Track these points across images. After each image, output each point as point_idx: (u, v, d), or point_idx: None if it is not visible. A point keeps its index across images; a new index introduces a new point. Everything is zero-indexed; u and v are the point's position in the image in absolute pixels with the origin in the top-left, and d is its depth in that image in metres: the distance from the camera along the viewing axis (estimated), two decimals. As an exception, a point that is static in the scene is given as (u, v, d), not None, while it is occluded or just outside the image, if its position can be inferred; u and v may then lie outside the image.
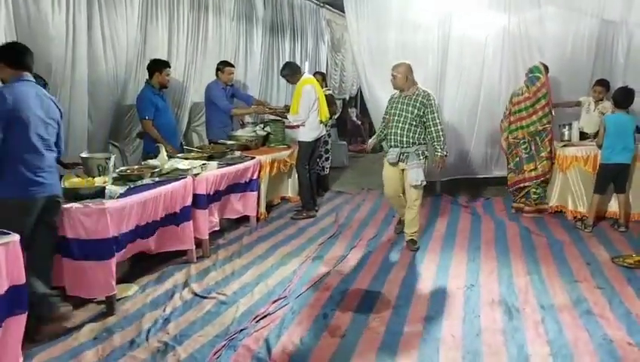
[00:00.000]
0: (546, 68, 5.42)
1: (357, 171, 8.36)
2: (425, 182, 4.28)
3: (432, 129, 4.29)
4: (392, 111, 4.38)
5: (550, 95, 5.33)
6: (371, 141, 4.69)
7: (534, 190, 5.48)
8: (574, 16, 5.97)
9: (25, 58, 2.91)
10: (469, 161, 6.63)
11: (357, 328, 3.08)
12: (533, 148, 5.40)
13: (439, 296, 3.53)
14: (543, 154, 5.37)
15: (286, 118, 5.66)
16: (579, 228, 5.00)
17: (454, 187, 6.62)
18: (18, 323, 2.47)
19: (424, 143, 4.34)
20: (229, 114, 5.83)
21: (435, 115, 4.28)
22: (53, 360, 2.69)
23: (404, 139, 4.29)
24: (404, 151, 4.30)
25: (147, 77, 4.86)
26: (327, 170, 6.87)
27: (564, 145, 5.37)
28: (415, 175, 4.23)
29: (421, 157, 4.30)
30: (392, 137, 4.36)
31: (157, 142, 4.65)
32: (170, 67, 4.89)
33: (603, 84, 5.61)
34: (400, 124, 4.30)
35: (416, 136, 4.29)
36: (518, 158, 5.50)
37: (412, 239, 4.48)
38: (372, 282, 3.77)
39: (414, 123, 4.27)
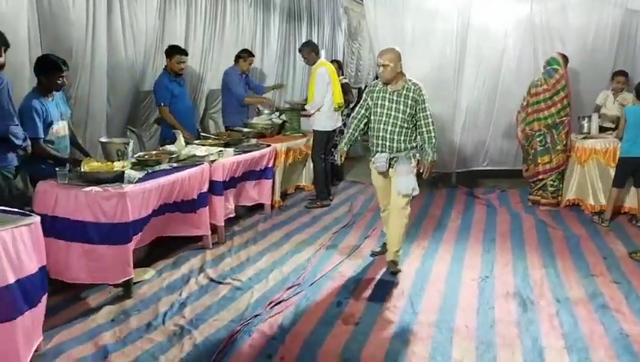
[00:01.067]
0: (566, 59, 5.32)
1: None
2: (417, 191, 3.61)
3: (424, 130, 3.61)
4: (378, 109, 3.63)
5: (569, 87, 5.24)
6: (341, 147, 3.85)
7: (551, 183, 5.42)
8: (597, 5, 5.86)
9: None
10: (485, 152, 6.57)
11: (370, 316, 3.10)
12: (549, 140, 5.33)
13: (453, 287, 3.53)
14: (558, 147, 5.30)
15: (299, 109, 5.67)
16: (596, 222, 4.94)
17: (470, 179, 6.57)
18: (39, 306, 2.52)
19: (415, 146, 3.69)
20: (242, 102, 5.84)
21: (428, 112, 3.60)
22: (71, 341, 2.75)
23: (395, 144, 3.60)
24: (393, 156, 3.64)
25: (165, 63, 4.88)
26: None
27: (584, 138, 5.29)
28: (405, 183, 3.56)
29: (412, 161, 3.64)
30: (379, 141, 3.64)
31: (174, 128, 4.68)
32: (183, 54, 4.85)
33: (624, 74, 5.53)
34: (389, 126, 3.58)
35: (408, 138, 3.62)
36: (533, 150, 5.44)
37: (394, 260, 3.73)
38: (386, 272, 3.78)
39: (405, 124, 3.57)
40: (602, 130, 5.48)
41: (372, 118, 3.68)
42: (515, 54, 6.16)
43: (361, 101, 3.78)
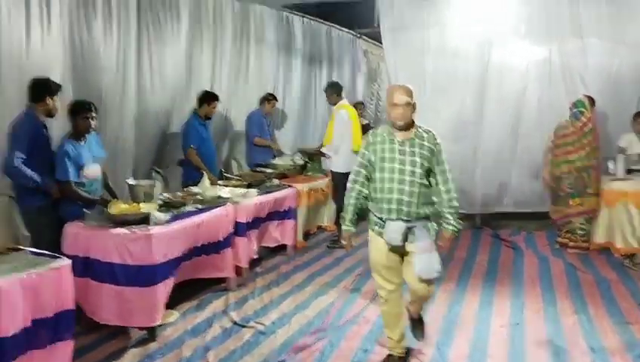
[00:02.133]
0: (592, 101, 5.29)
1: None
2: (440, 272, 2.83)
3: (443, 189, 2.82)
4: (386, 164, 2.77)
5: (596, 130, 5.20)
6: (347, 228, 3.01)
7: (580, 225, 5.29)
8: (617, 46, 5.86)
9: None
10: (509, 193, 6.49)
11: (398, 364, 3.00)
12: (579, 183, 5.23)
13: (482, 334, 3.42)
14: (589, 190, 5.19)
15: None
16: (627, 266, 4.79)
17: (494, 220, 6.48)
18: (65, 349, 2.51)
19: (432, 211, 2.85)
20: (252, 142, 5.94)
21: (447, 167, 2.83)
22: (96, 386, 2.72)
23: (412, 208, 2.74)
24: (411, 226, 2.77)
25: (195, 106, 5.01)
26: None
27: (612, 180, 5.20)
28: (427, 263, 2.75)
29: (432, 233, 2.84)
30: (391, 206, 2.75)
31: (200, 170, 4.75)
32: (218, 100, 5.05)
33: None
34: (403, 186, 2.72)
35: (425, 200, 2.80)
36: (563, 193, 5.34)
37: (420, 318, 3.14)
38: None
39: (421, 181, 2.76)
40: (629, 172, 5.39)
41: (376, 176, 2.82)
42: (536, 94, 6.16)
43: (359, 158, 2.92)
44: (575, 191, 5.25)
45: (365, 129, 6.64)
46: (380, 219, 2.82)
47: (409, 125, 2.78)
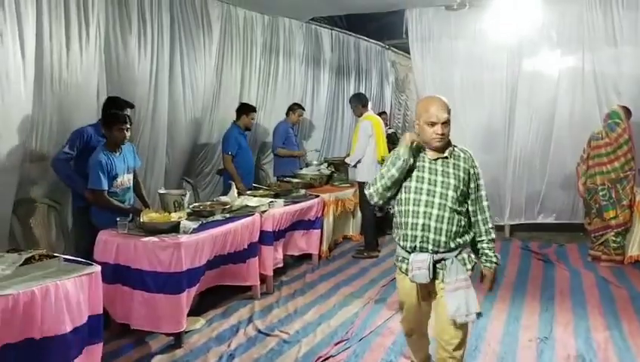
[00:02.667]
0: (628, 111, 5.15)
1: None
2: (480, 315, 2.46)
3: (480, 218, 2.46)
4: (413, 184, 2.41)
5: (632, 140, 5.06)
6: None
7: (614, 238, 5.14)
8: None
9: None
10: (539, 203, 6.37)
11: (422, 377, 2.98)
12: (613, 195, 5.08)
13: (510, 349, 3.35)
14: (624, 202, 5.04)
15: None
16: (664, 281, 4.63)
17: (525, 231, 6.35)
18: (95, 353, 2.59)
19: (468, 242, 2.50)
20: (275, 153, 6.05)
21: (484, 193, 2.47)
22: (124, 390, 2.80)
23: (442, 237, 2.37)
24: (440, 258, 2.42)
25: (234, 118, 5.21)
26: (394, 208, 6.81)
27: (645, 191, 5.05)
28: (464, 303, 2.36)
29: (468, 267, 2.47)
30: (417, 233, 2.39)
31: (232, 178, 4.92)
32: (254, 111, 5.26)
33: None
34: (431, 209, 2.37)
35: (461, 229, 2.42)
36: (597, 205, 5.20)
37: None
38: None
39: (457, 207, 2.39)
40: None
41: (402, 197, 2.47)
42: (568, 102, 6.05)
43: (398, 161, 2.39)
44: (609, 203, 5.11)
45: (391, 138, 6.66)
46: (404, 249, 2.47)
47: (444, 145, 2.41)
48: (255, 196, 4.64)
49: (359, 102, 5.55)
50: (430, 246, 2.38)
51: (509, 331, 3.63)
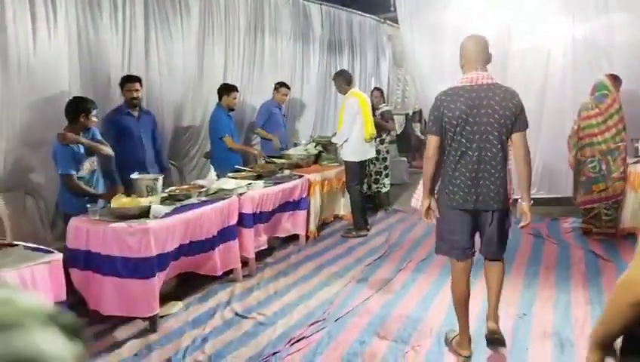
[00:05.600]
0: (617, 79, 4.98)
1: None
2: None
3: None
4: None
5: (622, 110, 4.90)
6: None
7: (605, 211, 5.03)
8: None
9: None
10: (534, 178, 6.23)
11: (393, 357, 2.96)
12: (603, 167, 4.95)
13: (484, 325, 3.31)
14: (614, 174, 4.91)
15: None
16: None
17: (517, 207, 6.24)
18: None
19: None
20: (255, 132, 6.04)
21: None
22: (93, 375, 2.81)
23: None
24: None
25: (217, 100, 5.14)
26: (388, 186, 6.77)
27: (636, 162, 4.91)
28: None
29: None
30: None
31: (244, 151, 5.25)
32: (237, 91, 5.17)
33: None
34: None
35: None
36: (585, 177, 5.08)
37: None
38: (416, 308, 3.62)
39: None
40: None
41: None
42: (560, 75, 5.89)
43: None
44: (599, 175, 4.99)
45: (385, 116, 6.55)
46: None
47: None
48: (237, 178, 4.59)
49: (343, 79, 5.42)
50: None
51: (487, 307, 3.58)
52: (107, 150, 3.75)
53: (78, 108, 3.56)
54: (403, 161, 9.03)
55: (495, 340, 2.95)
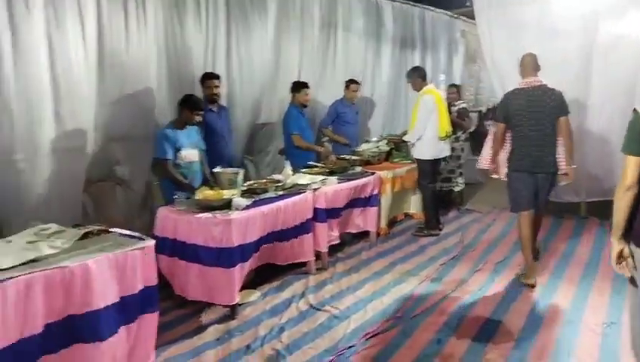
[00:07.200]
0: None
1: (492, 188, 7.85)
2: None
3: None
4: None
5: None
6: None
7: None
8: None
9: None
10: (618, 179, 5.86)
11: (472, 358, 2.90)
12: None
13: (571, 332, 3.17)
14: None
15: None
16: None
17: (603, 209, 5.89)
18: (150, 321, 2.76)
19: None
20: (320, 130, 6.01)
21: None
22: (177, 357, 2.96)
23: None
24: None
25: (285, 97, 5.26)
26: (462, 185, 6.61)
27: None
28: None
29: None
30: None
31: (311, 149, 5.21)
32: (308, 87, 5.25)
33: None
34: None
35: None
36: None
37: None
38: (494, 310, 3.52)
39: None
40: None
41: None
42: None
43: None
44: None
45: (461, 114, 6.40)
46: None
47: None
48: (310, 173, 4.66)
49: (418, 75, 5.34)
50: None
51: (572, 313, 3.42)
52: None
53: (185, 103, 3.86)
54: (477, 160, 8.72)
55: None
